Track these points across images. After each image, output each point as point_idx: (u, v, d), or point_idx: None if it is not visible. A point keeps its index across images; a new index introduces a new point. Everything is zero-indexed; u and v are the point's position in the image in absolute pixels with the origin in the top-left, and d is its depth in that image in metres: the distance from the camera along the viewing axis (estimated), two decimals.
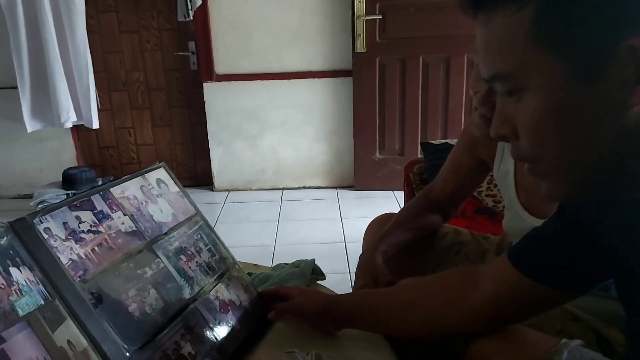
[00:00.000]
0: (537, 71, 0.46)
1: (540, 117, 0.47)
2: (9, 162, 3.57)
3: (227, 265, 1.02)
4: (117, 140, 3.71)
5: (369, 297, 0.93)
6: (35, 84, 3.26)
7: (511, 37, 0.46)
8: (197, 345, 0.84)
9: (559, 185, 0.50)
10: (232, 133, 3.59)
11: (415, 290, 0.87)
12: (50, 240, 0.71)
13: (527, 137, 0.49)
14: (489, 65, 0.50)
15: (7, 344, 0.57)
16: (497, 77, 0.50)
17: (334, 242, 2.85)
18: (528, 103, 0.47)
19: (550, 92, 0.46)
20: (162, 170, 0.98)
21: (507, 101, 0.50)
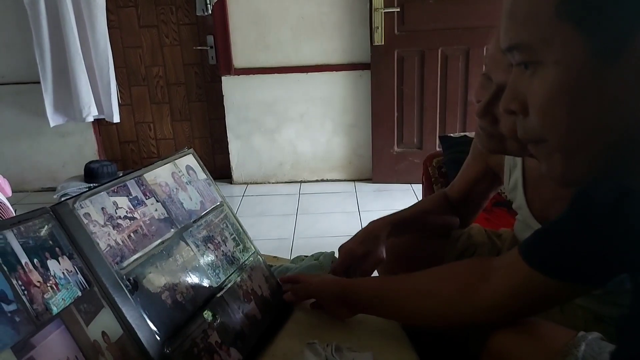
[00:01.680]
0: (559, 45, 0.45)
1: (554, 93, 0.46)
2: (33, 156, 3.64)
3: (250, 255, 1.03)
4: (138, 135, 3.76)
5: (385, 284, 0.94)
6: (57, 79, 3.31)
7: (539, 7, 0.46)
8: (222, 334, 0.84)
9: (564, 167, 0.49)
10: (251, 127, 3.61)
11: (429, 279, 0.87)
12: (90, 225, 0.72)
13: (537, 112, 0.48)
14: (511, 33, 0.49)
15: (36, 350, 0.57)
16: (516, 47, 0.49)
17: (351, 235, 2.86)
18: (543, 77, 0.46)
19: (568, 68, 0.45)
20: (191, 157, 0.99)
21: (522, 75, 0.49)
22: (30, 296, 0.59)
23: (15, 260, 0.60)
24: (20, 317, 0.57)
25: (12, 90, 3.51)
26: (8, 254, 0.60)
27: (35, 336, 0.57)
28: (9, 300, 0.56)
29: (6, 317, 0.55)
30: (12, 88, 3.51)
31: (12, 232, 0.62)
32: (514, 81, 0.50)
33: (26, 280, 0.60)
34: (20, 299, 0.58)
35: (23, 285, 0.59)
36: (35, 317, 0.58)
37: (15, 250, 0.61)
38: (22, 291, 0.59)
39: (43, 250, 0.65)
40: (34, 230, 0.66)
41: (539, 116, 0.48)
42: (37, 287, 0.61)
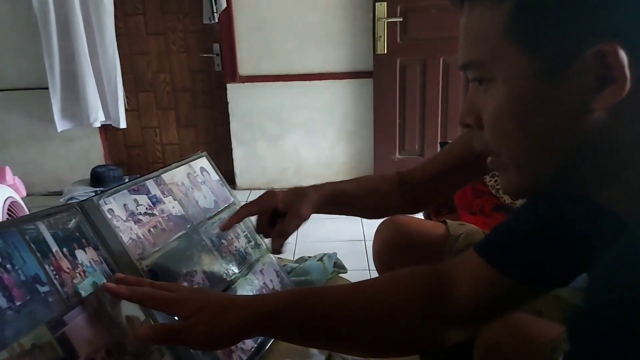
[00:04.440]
0: (506, 64, 0.47)
1: (503, 110, 0.48)
2: (40, 160, 3.69)
3: (261, 252, 1.08)
4: (144, 140, 3.81)
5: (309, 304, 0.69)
6: (65, 85, 3.36)
7: (488, 28, 0.48)
8: None
9: (515, 179, 0.51)
10: (255, 133, 3.66)
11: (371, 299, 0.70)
12: (113, 220, 0.77)
13: (489, 128, 0.50)
14: (464, 52, 0.51)
15: (68, 327, 0.62)
16: (469, 65, 0.51)
17: (354, 240, 2.90)
18: (494, 94, 0.49)
19: (515, 87, 0.47)
20: (204, 159, 1.04)
21: (477, 90, 0.51)
22: (61, 280, 0.64)
23: (47, 248, 0.65)
24: (53, 297, 0.62)
25: (21, 96, 3.57)
26: (41, 242, 0.64)
27: (66, 315, 0.62)
28: (42, 282, 0.61)
29: (41, 297, 0.60)
30: (21, 94, 3.57)
31: (43, 224, 0.67)
32: (470, 96, 0.53)
33: (57, 266, 0.65)
34: (53, 282, 0.63)
35: (54, 270, 0.64)
36: (66, 299, 0.63)
37: (47, 240, 0.66)
38: (54, 275, 0.63)
39: (71, 241, 0.70)
40: (63, 222, 0.71)
41: (491, 131, 0.50)
42: (67, 273, 0.66)
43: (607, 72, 0.43)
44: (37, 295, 0.59)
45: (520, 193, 0.54)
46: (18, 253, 0.60)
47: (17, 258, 0.59)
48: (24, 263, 0.60)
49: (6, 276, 0.57)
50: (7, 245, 0.59)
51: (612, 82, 0.43)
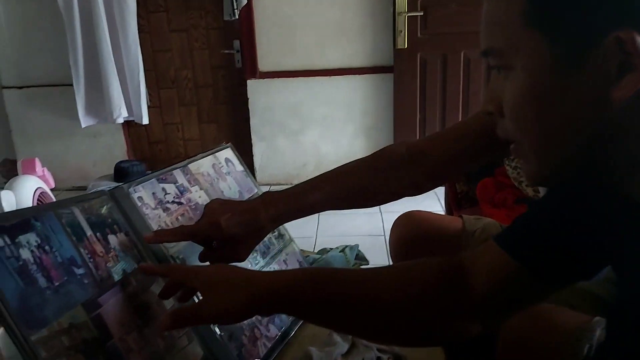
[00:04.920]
0: (525, 51, 0.46)
1: (522, 98, 0.48)
2: (65, 156, 3.76)
3: (285, 242, 1.09)
4: (166, 136, 3.86)
5: (321, 288, 0.67)
6: (89, 81, 3.42)
7: (507, 13, 0.47)
8: None
9: (536, 168, 0.51)
10: (275, 129, 3.67)
11: (385, 287, 0.67)
12: (143, 208, 0.80)
13: (509, 116, 0.50)
14: (485, 39, 0.51)
15: (103, 308, 0.64)
16: (489, 52, 0.51)
17: (374, 235, 2.90)
18: (513, 82, 0.48)
19: (534, 74, 0.46)
20: (229, 150, 1.06)
21: (497, 77, 0.51)
22: (95, 263, 0.66)
23: (82, 232, 0.67)
24: (88, 280, 0.64)
25: (46, 93, 3.64)
26: (76, 226, 0.67)
27: (101, 297, 0.65)
28: (78, 265, 0.63)
29: (77, 279, 0.62)
30: (46, 90, 3.64)
31: (78, 208, 0.69)
32: (492, 83, 0.52)
33: (91, 249, 0.67)
34: (87, 265, 0.65)
35: (89, 253, 0.66)
36: (100, 282, 0.66)
37: (82, 224, 0.68)
38: (89, 258, 0.66)
39: (104, 226, 0.72)
40: (96, 208, 0.73)
41: (511, 119, 0.50)
42: (101, 257, 0.68)
43: (627, 59, 0.42)
44: (74, 277, 0.62)
45: (541, 181, 0.53)
46: (55, 236, 0.62)
47: (54, 240, 0.61)
48: (61, 245, 0.62)
49: (45, 257, 0.59)
50: (45, 228, 0.61)
51: (632, 69, 0.42)
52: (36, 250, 0.58)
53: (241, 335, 0.86)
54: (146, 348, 0.67)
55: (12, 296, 0.52)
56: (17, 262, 0.55)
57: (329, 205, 0.88)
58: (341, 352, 0.91)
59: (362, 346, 0.91)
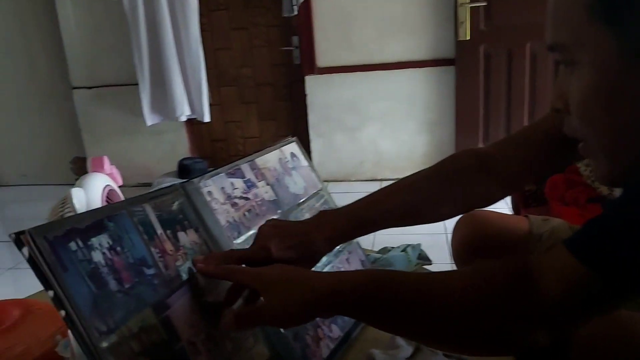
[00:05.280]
0: (590, 46, 0.45)
1: (588, 95, 0.46)
2: (131, 154, 3.89)
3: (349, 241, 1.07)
4: (227, 134, 3.92)
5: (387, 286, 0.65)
6: (153, 80, 3.52)
7: (572, 7, 0.46)
8: None
9: (606, 168, 0.49)
10: (333, 125, 3.65)
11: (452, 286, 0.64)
12: (212, 203, 0.79)
13: (576, 113, 0.49)
14: (550, 33, 0.50)
15: (172, 310, 0.62)
16: (555, 46, 0.49)
17: (435, 233, 2.82)
18: (580, 78, 0.47)
19: (601, 70, 0.45)
20: (294, 145, 1.05)
21: (565, 73, 0.50)
22: (165, 263, 0.65)
23: (153, 230, 0.66)
24: (158, 280, 0.63)
25: (112, 92, 3.78)
26: (147, 225, 0.66)
27: (169, 298, 0.63)
28: (148, 265, 0.62)
29: (147, 279, 0.61)
30: (112, 90, 3.78)
31: (150, 206, 0.69)
32: (560, 79, 0.51)
33: (161, 248, 0.66)
34: (157, 265, 0.64)
35: (159, 252, 0.65)
36: (169, 281, 0.64)
37: (153, 222, 0.67)
38: (159, 257, 0.65)
39: (174, 223, 0.71)
40: (167, 204, 0.72)
41: (578, 116, 0.48)
42: (170, 255, 0.67)
43: None
44: (144, 278, 0.61)
45: (612, 181, 0.51)
46: (127, 235, 0.61)
47: (126, 240, 0.61)
48: (132, 245, 0.61)
49: (116, 259, 0.58)
50: (117, 228, 0.60)
51: None
52: (108, 252, 0.57)
53: (305, 335, 0.85)
54: (214, 350, 0.66)
55: (83, 302, 0.51)
56: (89, 266, 0.54)
57: (390, 223, 0.82)
58: (405, 355, 0.87)
59: (428, 350, 0.88)
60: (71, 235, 0.53)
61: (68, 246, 0.52)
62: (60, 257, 0.50)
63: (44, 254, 0.48)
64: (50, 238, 0.50)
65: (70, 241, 0.53)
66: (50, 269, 0.48)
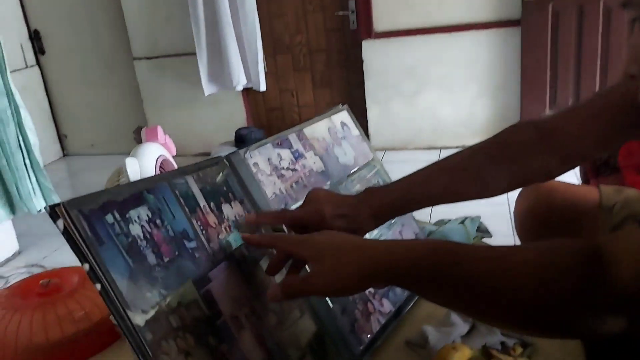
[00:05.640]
0: None
1: None
2: (190, 124, 3.96)
3: None
4: (282, 102, 3.91)
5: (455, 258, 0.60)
6: (210, 50, 3.53)
7: None
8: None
9: None
10: (390, 92, 3.57)
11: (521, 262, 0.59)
12: (258, 174, 0.77)
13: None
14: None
15: (213, 284, 0.61)
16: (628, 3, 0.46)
17: (497, 204, 2.71)
18: None
19: None
20: (345, 113, 1.01)
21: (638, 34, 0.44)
22: (208, 236, 0.64)
23: (195, 203, 0.65)
24: (199, 253, 0.61)
25: (172, 63, 3.84)
26: (189, 197, 0.65)
27: (212, 271, 0.62)
28: (190, 238, 0.61)
29: (188, 253, 0.60)
30: (171, 60, 3.83)
31: (192, 178, 0.67)
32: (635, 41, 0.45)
33: (204, 221, 0.65)
34: (199, 238, 0.63)
35: (201, 225, 0.64)
36: (212, 255, 0.63)
37: (195, 194, 0.66)
38: (201, 231, 0.63)
39: (218, 195, 0.70)
40: (211, 176, 0.71)
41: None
42: (213, 228, 0.66)
43: None
44: (185, 251, 0.59)
45: None
46: (168, 208, 0.60)
47: (166, 213, 0.59)
48: (173, 218, 0.60)
49: (156, 232, 0.57)
50: (157, 200, 0.59)
51: None
52: (147, 225, 0.56)
53: (354, 310, 0.82)
54: (257, 324, 0.65)
55: (119, 275, 0.50)
56: (127, 239, 0.53)
57: (440, 199, 0.78)
58: (460, 333, 0.84)
59: (484, 329, 0.83)
60: (108, 208, 0.52)
61: (105, 219, 0.51)
62: (96, 230, 0.49)
63: (78, 226, 0.48)
64: (85, 211, 0.49)
65: (107, 214, 0.52)
66: (84, 242, 0.48)
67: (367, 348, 0.80)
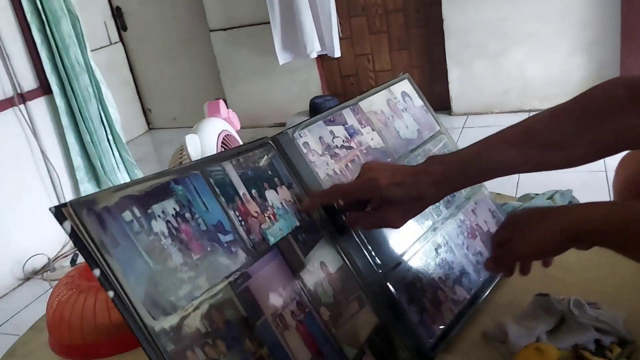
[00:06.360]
0: None
1: None
2: (266, 94, 3.96)
3: (474, 188, 0.93)
4: (357, 68, 3.80)
5: None
6: (284, 17, 3.47)
7: None
8: (446, 270, 0.79)
9: None
10: (472, 52, 3.36)
11: None
12: (309, 155, 0.71)
13: None
14: None
15: (253, 280, 0.56)
16: None
17: (592, 171, 2.49)
18: None
19: None
20: (406, 82, 0.91)
21: None
22: (248, 227, 0.59)
23: (234, 191, 0.60)
24: (237, 247, 0.56)
25: (246, 33, 3.83)
26: (226, 185, 0.60)
27: (252, 266, 0.57)
28: (225, 231, 0.56)
29: (223, 248, 0.55)
30: (246, 30, 3.82)
31: (231, 164, 0.62)
32: None
33: (244, 210, 0.59)
34: (237, 230, 0.57)
35: (240, 216, 0.59)
36: (252, 248, 0.58)
37: (234, 182, 0.61)
38: (239, 222, 0.58)
39: (261, 181, 0.64)
40: (254, 160, 0.65)
41: None
42: (255, 218, 0.60)
43: None
44: (219, 247, 0.54)
45: None
46: (200, 199, 0.55)
47: (198, 205, 0.54)
48: (206, 210, 0.55)
49: (184, 227, 0.52)
50: (187, 191, 0.54)
51: None
52: (173, 220, 0.51)
53: (422, 299, 0.75)
54: (308, 321, 0.59)
55: (136, 280, 0.45)
56: (148, 237, 0.48)
57: (515, 169, 0.69)
58: (546, 328, 0.74)
59: (576, 324, 0.73)
60: (126, 204, 0.48)
61: (121, 217, 0.47)
62: (110, 230, 0.45)
63: (88, 228, 0.43)
64: (97, 210, 0.45)
65: (124, 211, 0.47)
66: (95, 245, 0.43)
67: (439, 341, 0.73)
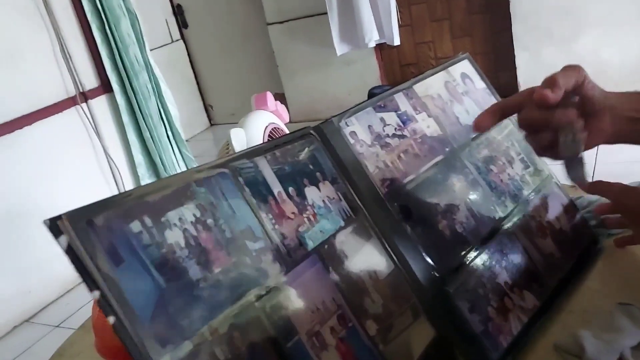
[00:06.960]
0: None
1: None
2: (323, 86, 3.92)
3: (543, 180, 0.83)
4: (418, 56, 3.69)
5: None
6: (342, 7, 3.43)
7: None
8: (513, 274, 0.70)
9: None
10: (541, 36, 3.18)
11: None
12: (357, 145, 0.64)
13: None
14: None
15: (285, 293, 0.49)
16: None
17: None
18: None
19: None
20: (466, 62, 0.82)
21: None
22: (282, 231, 0.52)
23: (267, 191, 0.53)
24: (268, 256, 0.50)
25: (302, 24, 3.80)
26: (259, 184, 0.53)
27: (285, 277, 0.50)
28: (255, 237, 0.49)
29: (250, 257, 0.48)
30: (302, 22, 3.79)
31: (264, 159, 0.55)
32: None
33: (279, 212, 0.53)
34: (269, 235, 0.51)
35: (274, 218, 0.52)
36: (287, 254, 0.51)
37: (267, 179, 0.54)
38: (273, 225, 0.51)
39: (301, 177, 0.57)
40: (292, 154, 0.59)
41: None
42: (291, 220, 0.53)
43: None
44: (246, 256, 0.48)
45: None
46: (226, 201, 0.49)
47: (222, 209, 0.48)
48: (233, 214, 0.48)
49: (205, 235, 0.45)
50: (211, 194, 0.48)
51: None
52: (191, 228, 0.45)
53: (487, 307, 0.67)
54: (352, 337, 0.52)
55: (142, 302, 0.39)
56: (159, 250, 0.42)
57: None
58: (630, 344, 0.63)
59: None
60: (135, 212, 0.42)
61: (128, 228, 0.41)
62: (113, 244, 0.39)
63: (86, 243, 0.38)
64: (99, 221, 0.39)
65: (132, 220, 0.41)
66: (94, 263, 0.38)
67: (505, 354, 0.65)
